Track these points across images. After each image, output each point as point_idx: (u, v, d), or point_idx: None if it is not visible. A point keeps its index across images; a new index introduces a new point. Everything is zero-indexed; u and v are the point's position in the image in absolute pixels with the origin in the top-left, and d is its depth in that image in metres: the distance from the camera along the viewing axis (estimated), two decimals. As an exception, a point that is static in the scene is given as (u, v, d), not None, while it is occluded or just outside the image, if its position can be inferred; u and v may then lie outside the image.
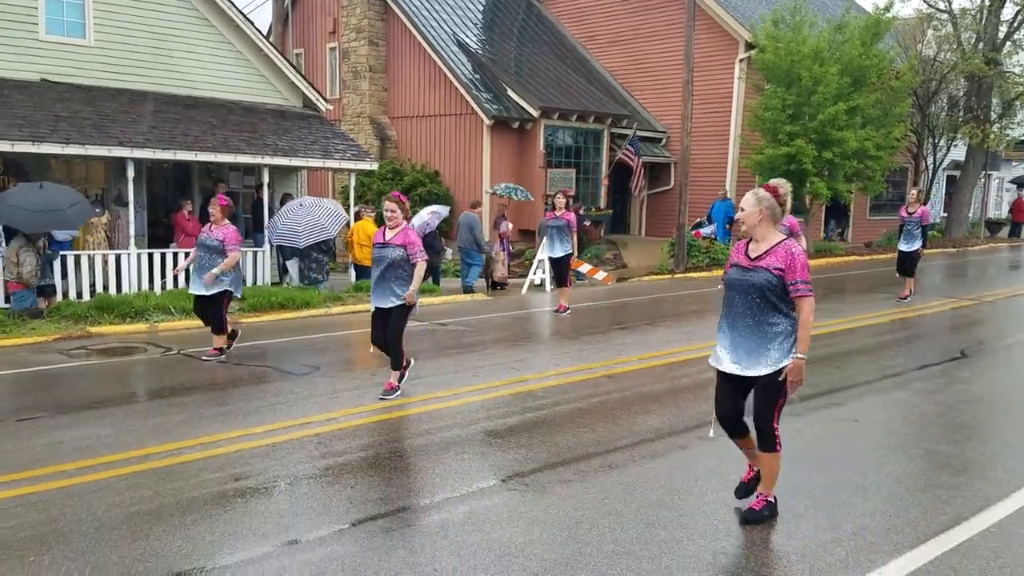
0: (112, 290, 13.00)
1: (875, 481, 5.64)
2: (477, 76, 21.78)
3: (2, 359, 9.60)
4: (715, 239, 20.41)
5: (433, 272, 16.83)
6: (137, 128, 13.49)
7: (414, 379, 8.53)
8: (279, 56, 16.81)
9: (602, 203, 22.65)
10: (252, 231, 16.03)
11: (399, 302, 7.69)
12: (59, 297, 12.54)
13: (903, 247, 13.92)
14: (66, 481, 5.56)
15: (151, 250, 13.89)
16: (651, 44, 24.21)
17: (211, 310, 9.53)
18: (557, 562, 4.37)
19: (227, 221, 9.51)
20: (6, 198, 11.47)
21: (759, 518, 4.89)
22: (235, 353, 9.85)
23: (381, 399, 7.65)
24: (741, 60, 22.20)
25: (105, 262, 13.23)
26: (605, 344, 10.60)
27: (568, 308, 13.19)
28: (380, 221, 11.29)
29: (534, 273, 16.65)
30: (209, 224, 9.56)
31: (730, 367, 4.81)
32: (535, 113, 20.78)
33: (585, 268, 17.47)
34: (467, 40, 22.98)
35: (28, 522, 4.88)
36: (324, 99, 17.77)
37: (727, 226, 20.46)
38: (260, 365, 9.42)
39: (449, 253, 17.40)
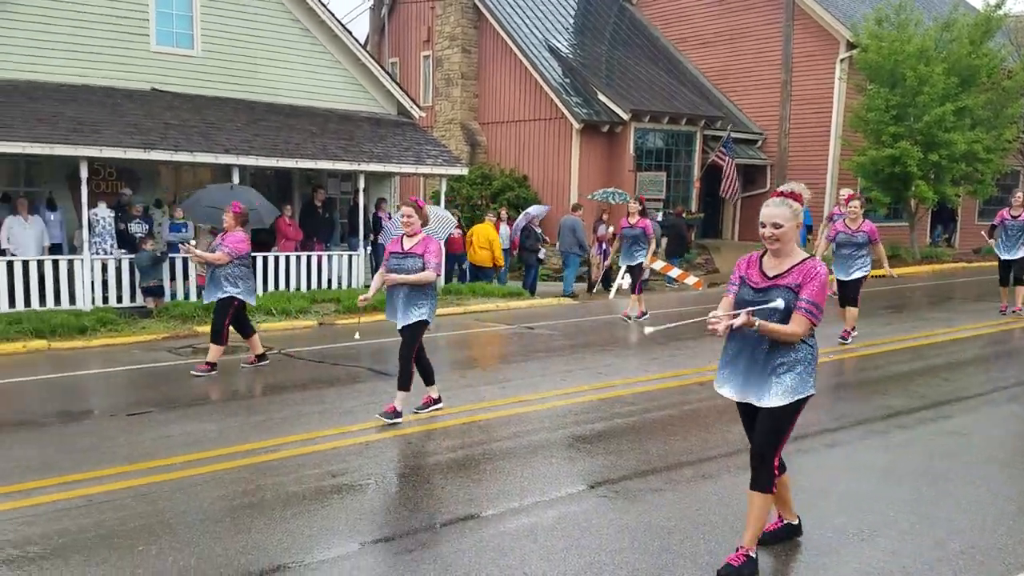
0: (217, 291, 13.53)
1: (985, 497, 5.35)
2: (567, 80, 21.78)
3: (115, 356, 10.14)
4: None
5: (529, 272, 16.83)
6: (242, 136, 14.03)
7: (502, 382, 8.58)
8: (376, 65, 17.22)
9: (693, 206, 22.29)
10: (348, 235, 16.44)
11: (417, 319, 6.97)
12: (167, 298, 13.15)
13: (1006, 255, 12.33)
14: (173, 474, 5.82)
15: (254, 253, 14.38)
16: (747, 44, 23.71)
17: (215, 314, 9.14)
18: (649, 572, 4.31)
19: (239, 229, 9.11)
20: (201, 199, 12.48)
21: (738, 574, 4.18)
22: (332, 354, 10.11)
23: (416, 411, 7.21)
24: (842, 60, 21.51)
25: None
26: (697, 350, 10.40)
27: (646, 313, 12.96)
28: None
29: (621, 278, 16.50)
30: (222, 232, 9.28)
31: (741, 396, 4.25)
32: (625, 116, 20.63)
33: (675, 272, 17.21)
34: (558, 45, 23.01)
35: (137, 513, 5.12)
36: (417, 106, 18.10)
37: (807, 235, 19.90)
38: (355, 365, 9.65)
39: (543, 253, 17.39)
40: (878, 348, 10.37)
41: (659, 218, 19.44)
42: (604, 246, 17.42)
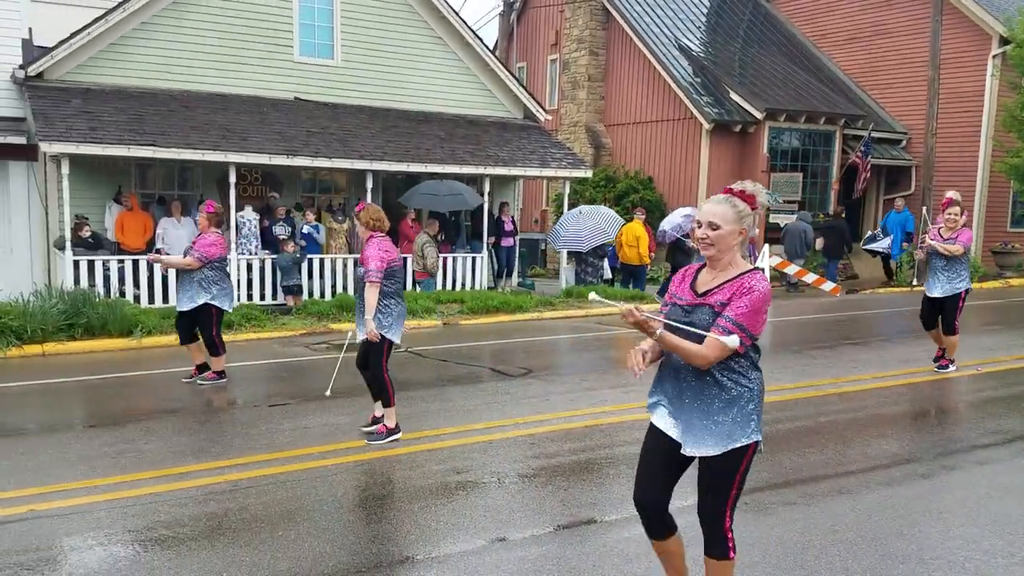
0: (350, 291, 14.08)
1: None
2: (698, 80, 21.36)
3: (257, 350, 10.70)
4: (890, 255, 18.56)
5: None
6: (376, 142, 14.54)
7: (625, 386, 8.50)
8: (504, 70, 17.44)
9: (831, 209, 21.38)
10: (470, 238, 16.70)
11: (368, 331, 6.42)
12: (305, 296, 13.77)
13: None
14: (310, 464, 6.08)
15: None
16: (892, 40, 22.54)
17: (200, 327, 8.55)
18: (779, 586, 4.16)
19: (214, 230, 8.45)
20: (418, 190, 14.70)
21: None
22: (456, 353, 10.31)
23: (367, 440, 6.59)
24: (994, 56, 20.11)
25: (345, 265, 14.36)
26: (833, 360, 9.97)
27: None
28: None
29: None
30: (199, 233, 8.62)
31: (670, 428, 3.55)
32: (759, 115, 20.02)
33: (811, 278, 16.58)
34: (689, 44, 22.60)
35: (277, 499, 5.38)
36: (543, 109, 18.21)
37: (904, 242, 18.70)
38: (478, 365, 9.80)
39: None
40: (1035, 362, 9.63)
41: (794, 219, 18.76)
42: (751, 248, 17.03)
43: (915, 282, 17.63)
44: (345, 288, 14.23)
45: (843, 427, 7.10)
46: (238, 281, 13.37)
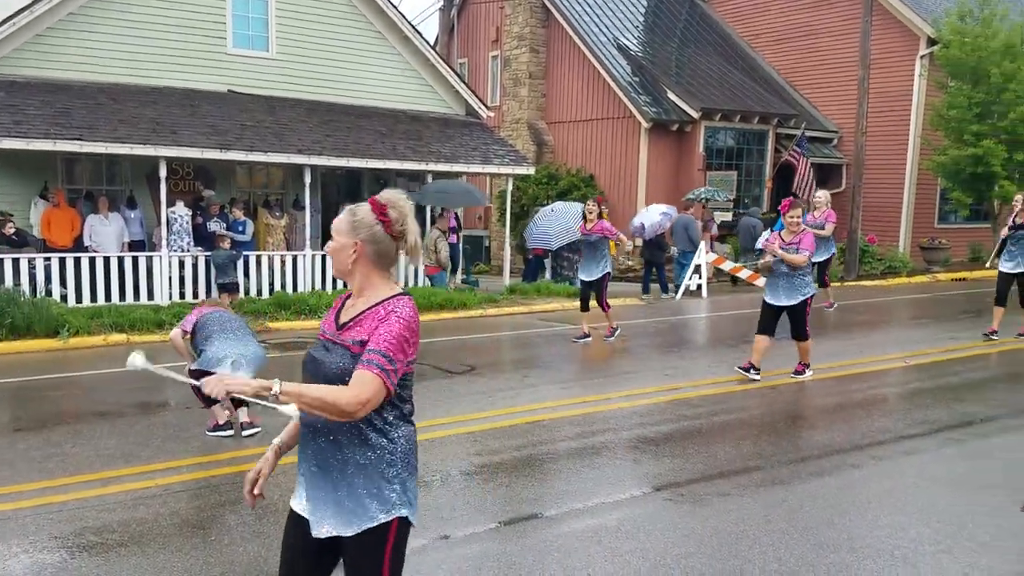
0: (289, 289, 13.85)
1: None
2: (636, 79, 21.59)
3: (191, 349, 10.44)
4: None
5: (658, 269, 16.51)
6: (313, 136, 14.31)
7: (566, 382, 8.55)
8: (445, 66, 17.36)
9: (764, 206, 21.85)
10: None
11: None
12: (241, 294, 13.48)
13: (1006, 268, 10.71)
14: (245, 466, 5.93)
15: (325, 252, 14.70)
16: (823, 40, 23.12)
17: None
18: (715, 577, 4.23)
19: None
20: (431, 187, 14.94)
21: None
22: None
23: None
24: (922, 56, 20.79)
25: (283, 262, 14.12)
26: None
27: (617, 328, 11.22)
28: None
29: (689, 279, 16.31)
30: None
31: (301, 511, 2.83)
32: (695, 115, 20.33)
33: (745, 274, 16.90)
34: (627, 43, 22.83)
35: (211, 503, 5.27)
36: (485, 106, 18.19)
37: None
38: (421, 363, 9.71)
39: (675, 250, 17.16)
40: (957, 354, 9.99)
41: (729, 218, 19.14)
42: (714, 245, 17.49)
43: (844, 276, 18.08)
44: (283, 286, 13.99)
45: (775, 419, 7.26)
46: (169, 279, 13.04)
